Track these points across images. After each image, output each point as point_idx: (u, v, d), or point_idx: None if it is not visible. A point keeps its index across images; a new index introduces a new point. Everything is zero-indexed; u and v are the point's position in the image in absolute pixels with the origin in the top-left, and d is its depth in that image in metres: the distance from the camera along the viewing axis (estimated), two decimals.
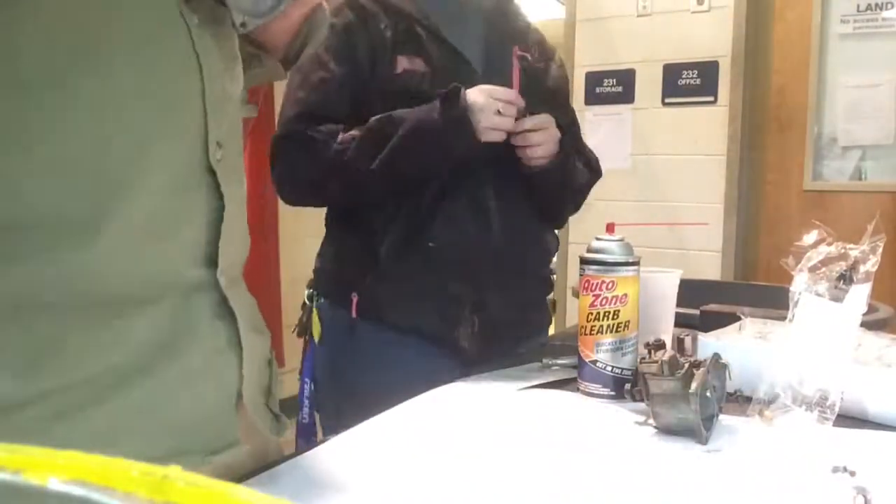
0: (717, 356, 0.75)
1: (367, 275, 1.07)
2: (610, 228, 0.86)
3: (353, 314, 1.07)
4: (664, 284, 0.97)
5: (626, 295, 0.81)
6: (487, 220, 1.08)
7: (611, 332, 0.81)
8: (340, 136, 1.04)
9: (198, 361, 0.52)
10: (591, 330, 0.82)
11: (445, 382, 0.88)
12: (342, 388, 1.10)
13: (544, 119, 1.08)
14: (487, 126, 1.02)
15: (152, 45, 0.48)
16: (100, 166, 0.45)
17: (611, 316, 0.81)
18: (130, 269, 0.47)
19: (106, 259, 0.45)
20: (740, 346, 0.89)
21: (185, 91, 0.50)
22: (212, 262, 0.53)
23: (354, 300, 1.07)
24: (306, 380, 1.14)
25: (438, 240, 1.05)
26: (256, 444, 0.59)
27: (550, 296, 1.24)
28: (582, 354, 0.84)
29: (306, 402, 1.14)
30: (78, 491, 0.15)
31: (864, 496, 0.54)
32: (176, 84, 0.50)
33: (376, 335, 1.08)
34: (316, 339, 1.12)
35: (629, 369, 0.81)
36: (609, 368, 0.82)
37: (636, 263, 0.83)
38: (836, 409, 0.74)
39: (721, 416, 0.74)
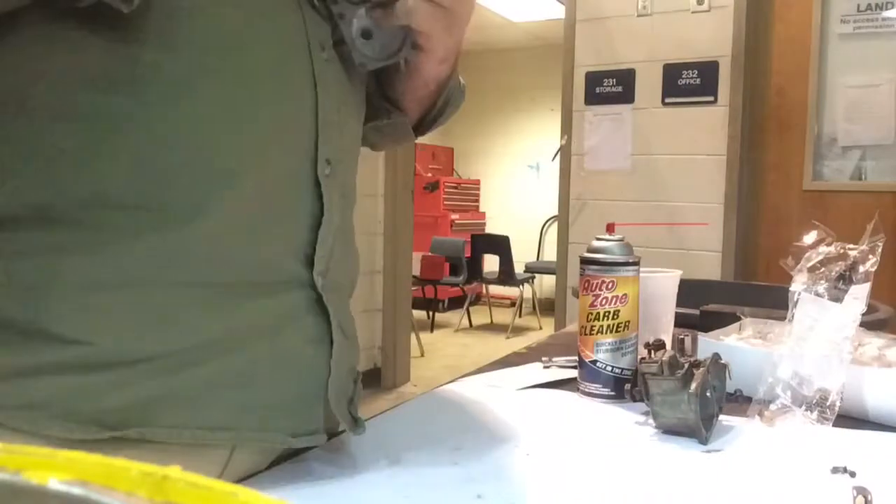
0: (717, 356, 0.75)
1: None
2: (610, 228, 0.86)
3: None
4: (664, 284, 0.97)
5: (626, 295, 0.81)
6: None
7: (611, 332, 0.81)
8: None
9: (291, 348, 0.58)
10: (591, 330, 0.82)
11: None
12: None
13: None
14: None
15: (274, 70, 0.56)
16: (212, 161, 0.52)
17: (611, 316, 0.81)
18: (234, 255, 0.53)
19: (209, 243, 0.52)
20: (740, 346, 0.89)
21: (297, 113, 0.58)
22: (310, 261, 0.59)
23: None
24: None
25: None
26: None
27: None
28: (582, 354, 0.84)
29: None
30: (78, 491, 0.15)
31: (864, 496, 0.54)
32: (289, 106, 0.57)
33: None
34: None
35: (629, 369, 0.81)
36: (609, 368, 0.82)
37: (636, 263, 0.83)
38: (836, 409, 0.74)
39: (721, 416, 0.74)
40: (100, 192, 0.49)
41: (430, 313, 6.27)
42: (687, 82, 3.39)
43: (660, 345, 0.77)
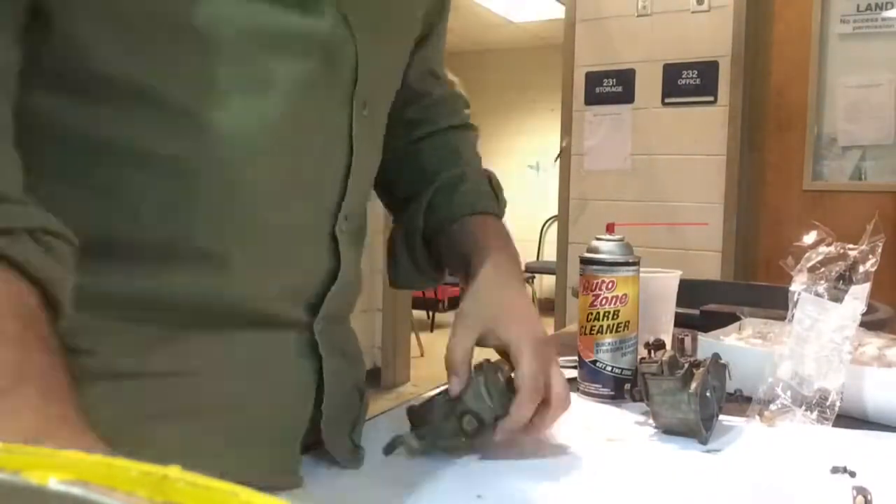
0: (717, 356, 0.75)
1: None
2: (610, 228, 0.86)
3: None
4: (664, 284, 0.97)
5: (626, 295, 0.81)
6: None
7: (611, 332, 0.81)
8: None
9: (281, 385, 0.57)
10: (591, 330, 0.82)
11: None
12: None
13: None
14: None
15: (313, 125, 0.55)
16: (239, 212, 0.52)
17: (611, 316, 0.81)
18: (244, 292, 0.54)
19: (221, 283, 0.52)
20: (740, 346, 0.89)
21: (330, 169, 0.57)
22: (315, 309, 0.59)
23: None
24: None
25: None
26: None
27: None
28: (582, 354, 0.84)
29: None
30: (78, 491, 0.15)
31: (864, 496, 0.54)
32: (323, 161, 0.57)
33: None
34: None
35: (629, 369, 0.81)
36: (609, 368, 0.82)
37: (636, 263, 0.83)
38: (836, 409, 0.74)
39: (721, 416, 0.74)
40: (126, 227, 0.49)
41: (430, 313, 6.27)
42: (687, 82, 3.38)
43: (660, 345, 0.77)
